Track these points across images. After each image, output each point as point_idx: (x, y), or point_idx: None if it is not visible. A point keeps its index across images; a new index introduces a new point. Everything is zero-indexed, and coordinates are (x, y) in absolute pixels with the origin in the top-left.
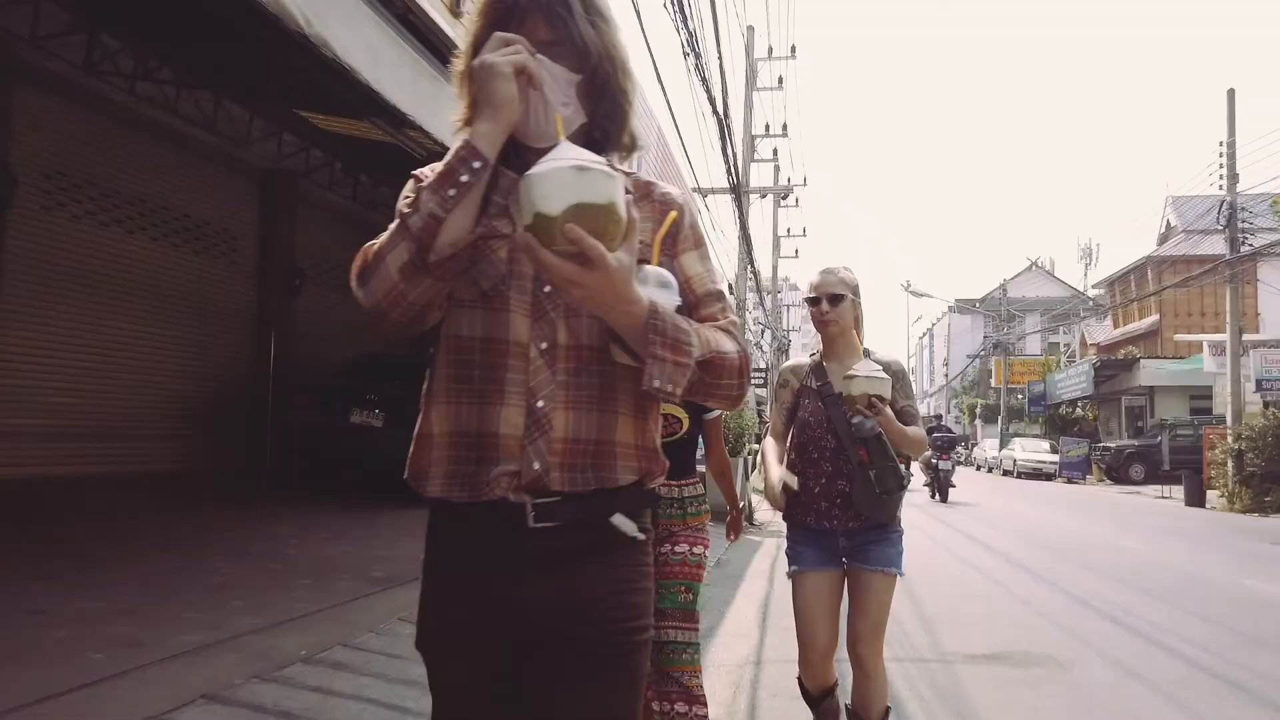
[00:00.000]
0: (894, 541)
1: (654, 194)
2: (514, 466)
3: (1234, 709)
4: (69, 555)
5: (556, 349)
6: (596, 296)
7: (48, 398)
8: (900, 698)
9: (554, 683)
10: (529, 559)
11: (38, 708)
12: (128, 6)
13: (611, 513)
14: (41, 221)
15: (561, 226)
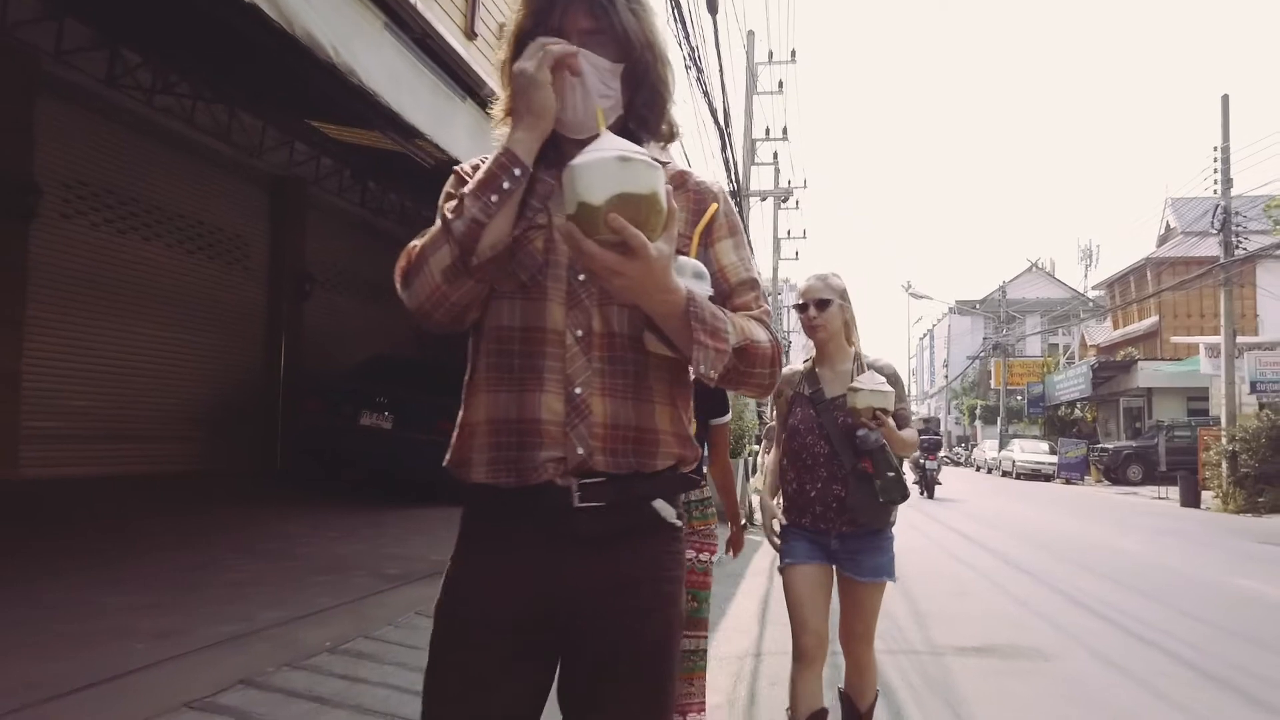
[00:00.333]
0: (885, 549)
1: (689, 184)
2: (559, 452)
3: (1210, 699)
4: (95, 552)
5: (591, 336)
6: (636, 285)
7: (67, 400)
8: (892, 686)
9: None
10: (573, 537)
11: (94, 690)
12: (150, 22)
13: (651, 496)
14: (61, 230)
15: (605, 216)
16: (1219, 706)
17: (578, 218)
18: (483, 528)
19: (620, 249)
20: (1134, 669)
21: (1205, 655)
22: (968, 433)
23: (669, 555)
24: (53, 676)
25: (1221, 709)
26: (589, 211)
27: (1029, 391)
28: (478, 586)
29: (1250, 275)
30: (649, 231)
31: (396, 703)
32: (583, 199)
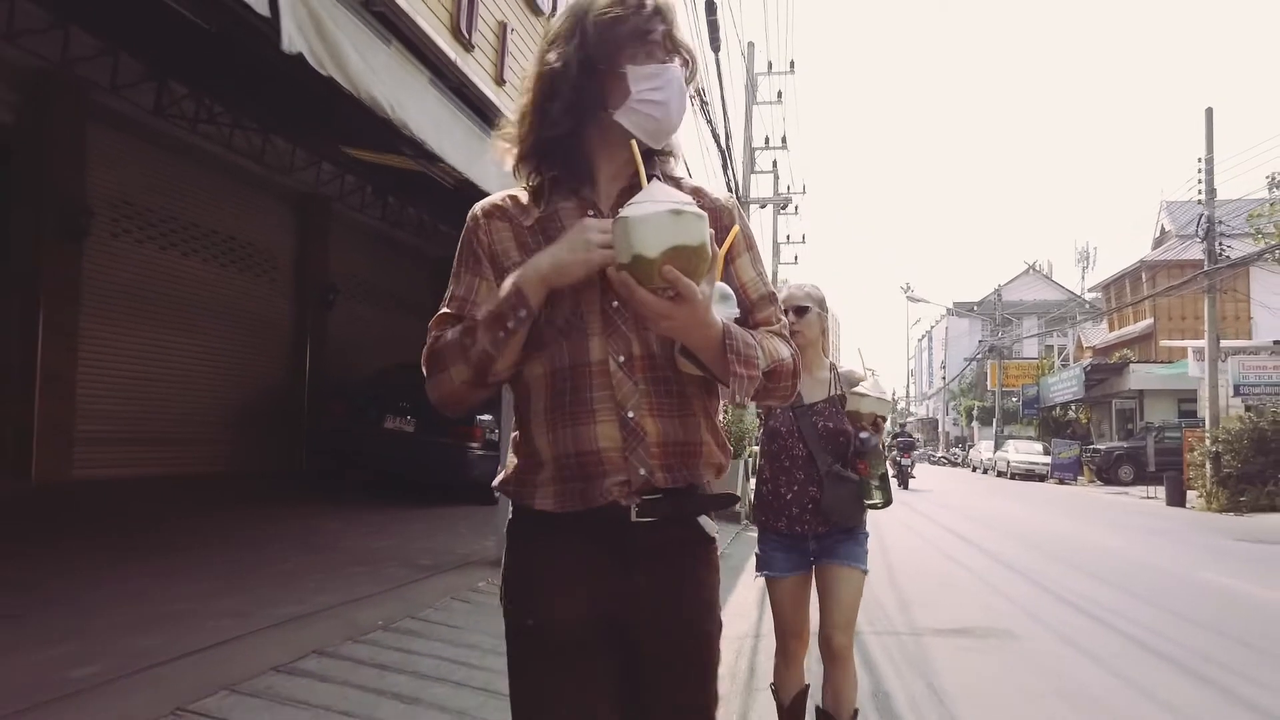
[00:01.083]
0: (860, 541)
1: (705, 201)
2: (623, 476)
3: (1155, 673)
4: (151, 546)
5: (633, 360)
6: (682, 326)
7: (114, 406)
8: (874, 661)
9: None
10: (631, 550)
11: (192, 659)
12: (198, 58)
13: (697, 509)
14: (110, 247)
15: (660, 268)
16: (1164, 681)
17: (632, 268)
18: (543, 544)
19: (672, 297)
20: (1091, 648)
21: (1158, 637)
22: (965, 433)
23: (710, 564)
24: (154, 647)
25: (1164, 683)
26: (645, 264)
27: (1024, 393)
28: (548, 598)
29: (1235, 281)
30: (696, 278)
31: (447, 670)
32: (638, 252)
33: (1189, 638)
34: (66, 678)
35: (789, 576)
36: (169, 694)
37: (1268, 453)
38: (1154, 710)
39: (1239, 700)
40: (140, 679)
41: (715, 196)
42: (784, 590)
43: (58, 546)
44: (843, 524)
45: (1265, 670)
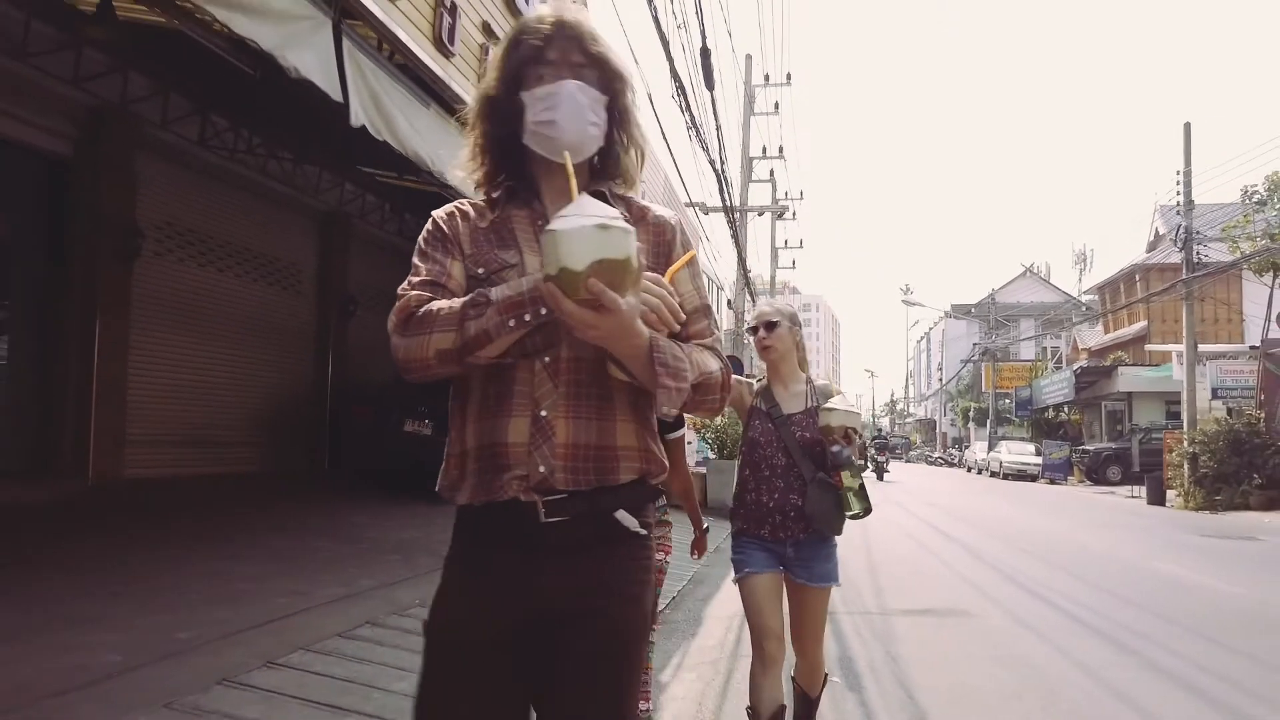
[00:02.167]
0: (831, 555)
1: (649, 218)
2: (522, 471)
3: (1087, 644)
4: (206, 538)
5: (559, 362)
6: (608, 336)
7: (160, 411)
8: (845, 635)
9: (561, 661)
10: (543, 548)
11: (270, 626)
12: (240, 96)
13: (615, 508)
14: (155, 265)
15: (585, 281)
16: (1093, 650)
17: (559, 280)
18: (466, 547)
19: (596, 307)
20: (1036, 625)
21: (1096, 615)
22: (962, 434)
23: (634, 560)
24: (232, 618)
25: (1093, 652)
26: (570, 276)
27: (1017, 395)
28: (462, 603)
29: (1218, 287)
30: (622, 290)
31: None
32: (564, 265)
33: (1125, 616)
34: (173, 638)
35: (764, 573)
36: (257, 652)
37: (1242, 453)
38: (1078, 674)
39: (1153, 665)
40: (231, 640)
41: (659, 213)
42: (760, 586)
43: (132, 536)
44: (824, 529)
45: (1183, 643)
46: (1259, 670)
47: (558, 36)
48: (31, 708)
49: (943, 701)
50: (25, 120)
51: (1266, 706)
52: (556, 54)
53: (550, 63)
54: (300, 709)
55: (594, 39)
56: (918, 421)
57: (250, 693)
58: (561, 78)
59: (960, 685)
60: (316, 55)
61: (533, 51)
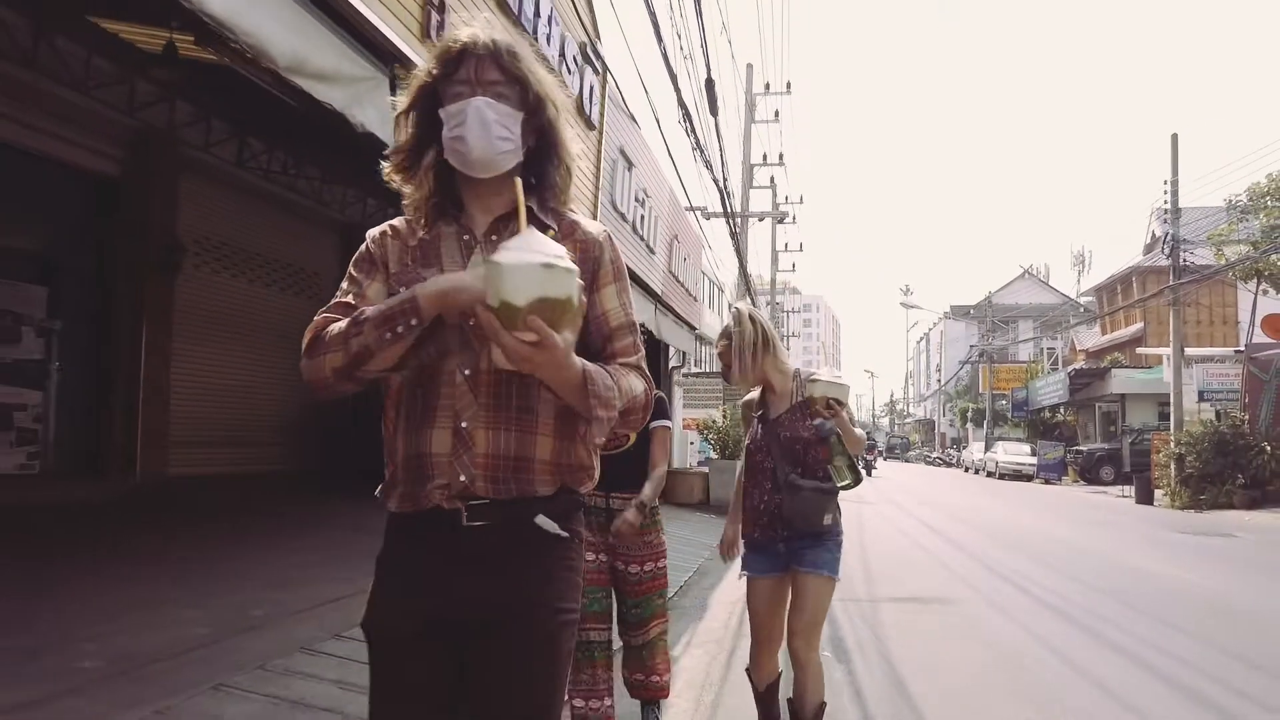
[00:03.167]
0: (830, 548)
1: (577, 234)
2: (444, 480)
3: (1055, 627)
4: (258, 529)
5: (479, 375)
6: (541, 368)
7: (199, 413)
8: (836, 618)
9: (485, 660)
10: (465, 553)
11: (324, 607)
12: (278, 121)
13: (530, 513)
14: (193, 277)
15: (525, 317)
16: (1059, 632)
17: (500, 314)
18: (394, 552)
19: (534, 342)
20: (1011, 610)
21: (1068, 603)
22: (960, 435)
23: (556, 561)
24: (292, 600)
25: (1059, 633)
26: (511, 310)
27: (1013, 396)
28: (390, 604)
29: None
30: (559, 328)
31: None
32: (506, 299)
33: (1091, 603)
34: (248, 615)
35: (765, 578)
36: (324, 627)
37: (1227, 454)
38: (1042, 651)
39: (1110, 644)
40: (298, 617)
41: (588, 229)
42: (761, 590)
43: (184, 529)
44: (804, 529)
45: (1141, 626)
46: (1207, 650)
47: (471, 55)
48: (140, 671)
49: (918, 672)
50: (76, 143)
51: (1206, 679)
52: (469, 72)
53: (463, 80)
54: (361, 673)
55: (513, 57)
56: (917, 422)
57: (327, 659)
58: (472, 95)
59: (935, 659)
60: (377, 110)
61: (448, 69)
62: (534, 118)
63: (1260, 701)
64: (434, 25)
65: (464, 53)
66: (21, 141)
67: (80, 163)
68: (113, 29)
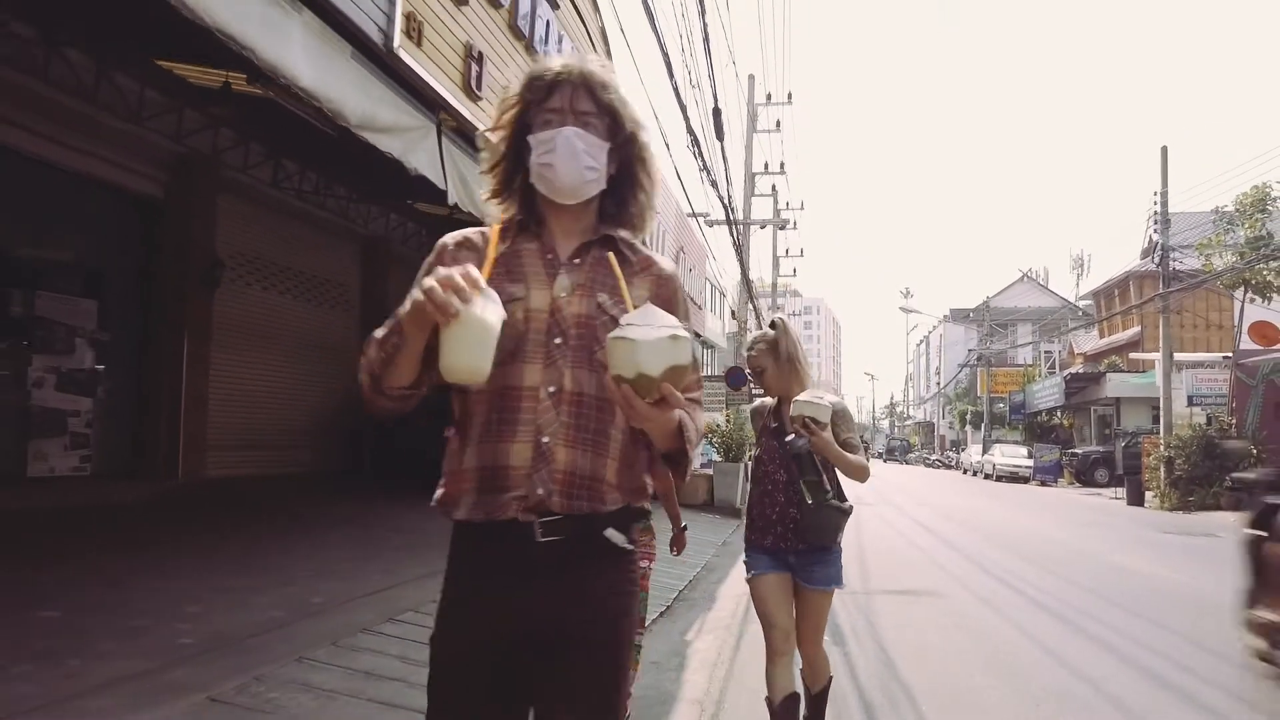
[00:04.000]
0: (833, 562)
1: (653, 270)
2: (522, 492)
3: (1038, 619)
4: (299, 528)
5: (562, 393)
6: (657, 425)
7: (235, 418)
8: (835, 610)
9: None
10: (536, 566)
11: (372, 596)
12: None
13: (601, 526)
14: (229, 290)
15: (659, 385)
16: (1042, 624)
17: (635, 384)
18: (465, 563)
19: (660, 404)
20: (998, 604)
21: (1050, 597)
22: (959, 437)
23: (621, 573)
24: (347, 590)
25: (1042, 625)
26: (647, 381)
27: (1011, 400)
28: (464, 616)
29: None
30: (679, 388)
31: None
32: (643, 371)
33: (1071, 596)
34: (310, 602)
35: (769, 574)
36: (379, 612)
37: (1215, 457)
38: (1021, 638)
39: (1084, 633)
40: (354, 604)
41: (663, 266)
42: (766, 584)
43: (231, 527)
44: (818, 543)
45: (1117, 618)
46: (1177, 640)
47: (564, 84)
48: (231, 646)
49: (908, 654)
50: (125, 167)
51: (1173, 665)
52: (561, 101)
53: (555, 109)
54: (420, 650)
55: (604, 87)
56: (917, 424)
57: (387, 638)
58: (564, 123)
59: (923, 644)
60: (427, 155)
61: (540, 96)
62: (621, 148)
63: (1208, 679)
64: (473, 76)
65: (556, 81)
66: (75, 166)
67: (127, 185)
68: (180, 72)
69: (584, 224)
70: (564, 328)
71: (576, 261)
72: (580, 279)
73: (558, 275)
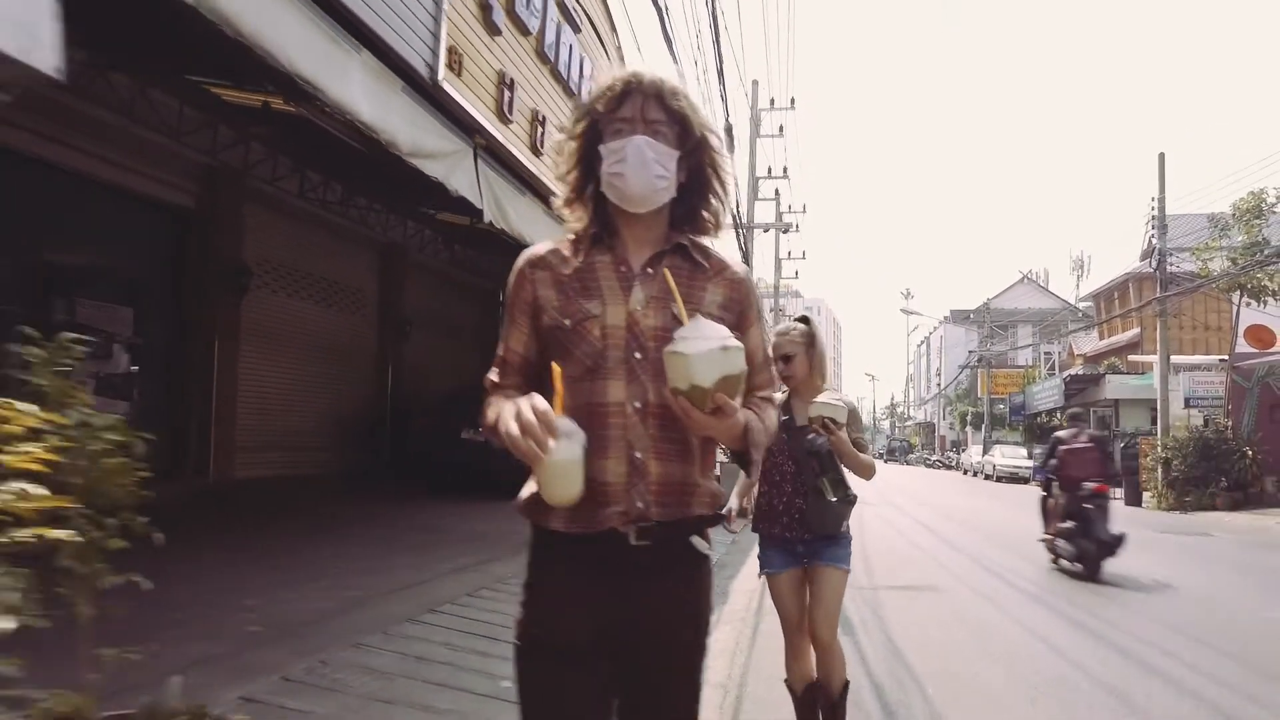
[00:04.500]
0: (843, 544)
1: (727, 274)
2: (622, 506)
3: (1028, 610)
4: (326, 526)
5: (648, 407)
6: (717, 430)
7: (260, 421)
8: (844, 605)
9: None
10: (627, 569)
11: (409, 590)
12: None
13: (689, 532)
14: (256, 297)
15: (713, 395)
16: (1036, 616)
17: (690, 395)
18: (554, 563)
19: (717, 414)
20: (994, 597)
21: (1043, 590)
22: (960, 437)
23: (702, 581)
24: (382, 584)
25: (1031, 614)
26: (700, 392)
27: (1011, 401)
28: (553, 612)
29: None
30: (734, 396)
31: None
32: (695, 383)
33: (1063, 589)
34: (349, 596)
35: (784, 572)
36: (417, 604)
37: (1210, 459)
38: (1014, 627)
39: (1073, 621)
40: (393, 596)
41: (736, 270)
42: (781, 585)
43: (264, 525)
44: (822, 532)
45: (1104, 608)
46: (1164, 631)
47: (634, 93)
48: (294, 632)
49: (913, 645)
50: (159, 179)
51: (1160, 653)
52: (631, 110)
53: (625, 118)
54: (462, 639)
55: (674, 95)
56: (918, 424)
57: (431, 627)
58: (634, 133)
59: (926, 634)
60: (466, 177)
61: (611, 106)
62: (691, 155)
63: (1191, 665)
64: (506, 102)
65: (627, 90)
66: (114, 179)
67: (163, 197)
68: (227, 97)
69: (656, 232)
70: (642, 341)
71: (649, 272)
72: (654, 290)
73: (632, 288)
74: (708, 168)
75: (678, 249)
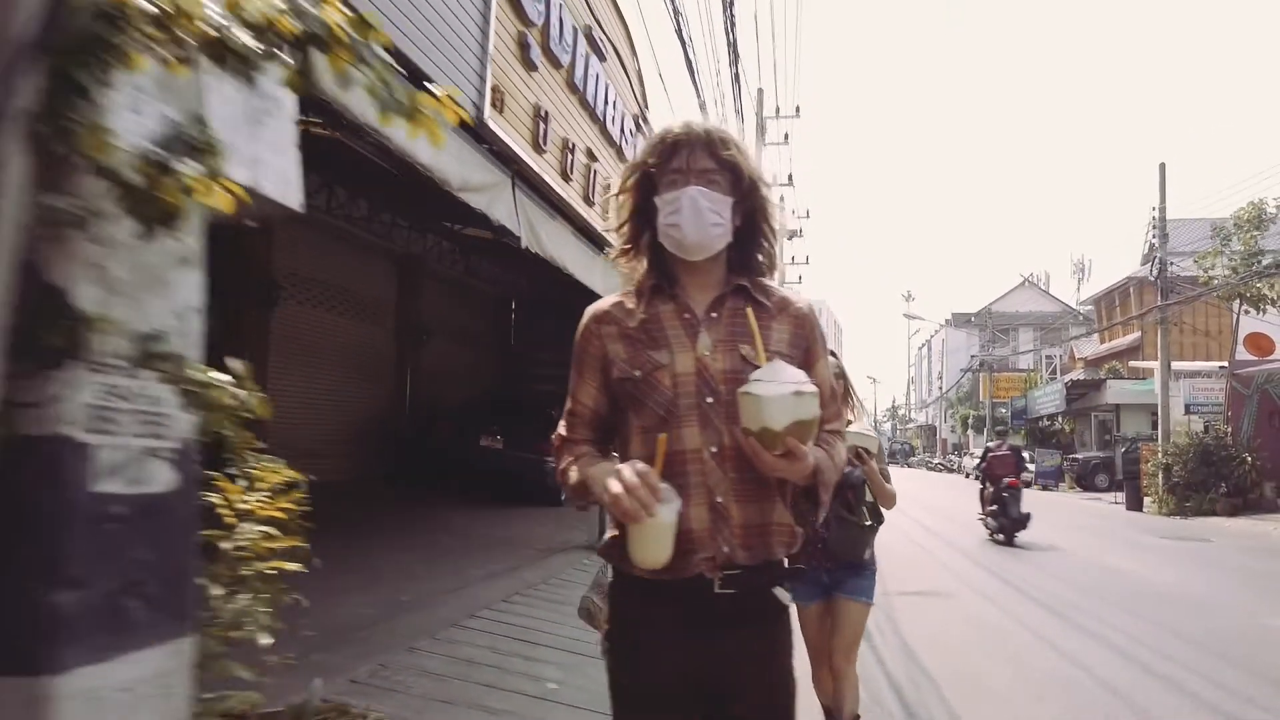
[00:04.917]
0: (867, 577)
1: (791, 310)
2: (709, 553)
3: (1033, 613)
4: (365, 533)
5: (724, 450)
6: (788, 473)
7: (286, 429)
8: None
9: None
10: (717, 620)
11: (452, 595)
12: (366, 176)
13: (772, 582)
14: (284, 310)
15: (784, 439)
16: (1038, 618)
17: (761, 438)
18: (639, 611)
19: (788, 457)
20: (1001, 601)
21: (1047, 594)
22: (961, 441)
23: (784, 630)
24: (425, 589)
25: (1038, 620)
26: (771, 435)
27: (1013, 405)
28: (641, 662)
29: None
30: (806, 441)
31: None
32: (767, 426)
33: (1066, 593)
34: (399, 600)
35: (811, 605)
36: (459, 609)
37: (1211, 464)
38: (1021, 630)
39: (1075, 624)
40: (437, 600)
41: (799, 306)
42: (808, 616)
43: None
44: (845, 559)
45: (1106, 612)
46: (1163, 633)
47: (685, 144)
48: (349, 638)
49: (925, 647)
50: None
51: (1158, 655)
52: (683, 161)
53: (678, 169)
54: (505, 643)
55: (724, 144)
56: (919, 427)
57: (474, 632)
58: (687, 183)
59: (937, 637)
60: (505, 207)
61: (664, 158)
62: (744, 201)
63: (1188, 666)
64: (541, 133)
65: (678, 143)
66: None
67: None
68: None
69: (715, 277)
70: (714, 386)
71: (714, 316)
72: (720, 334)
73: (698, 334)
74: (759, 212)
75: (739, 290)
